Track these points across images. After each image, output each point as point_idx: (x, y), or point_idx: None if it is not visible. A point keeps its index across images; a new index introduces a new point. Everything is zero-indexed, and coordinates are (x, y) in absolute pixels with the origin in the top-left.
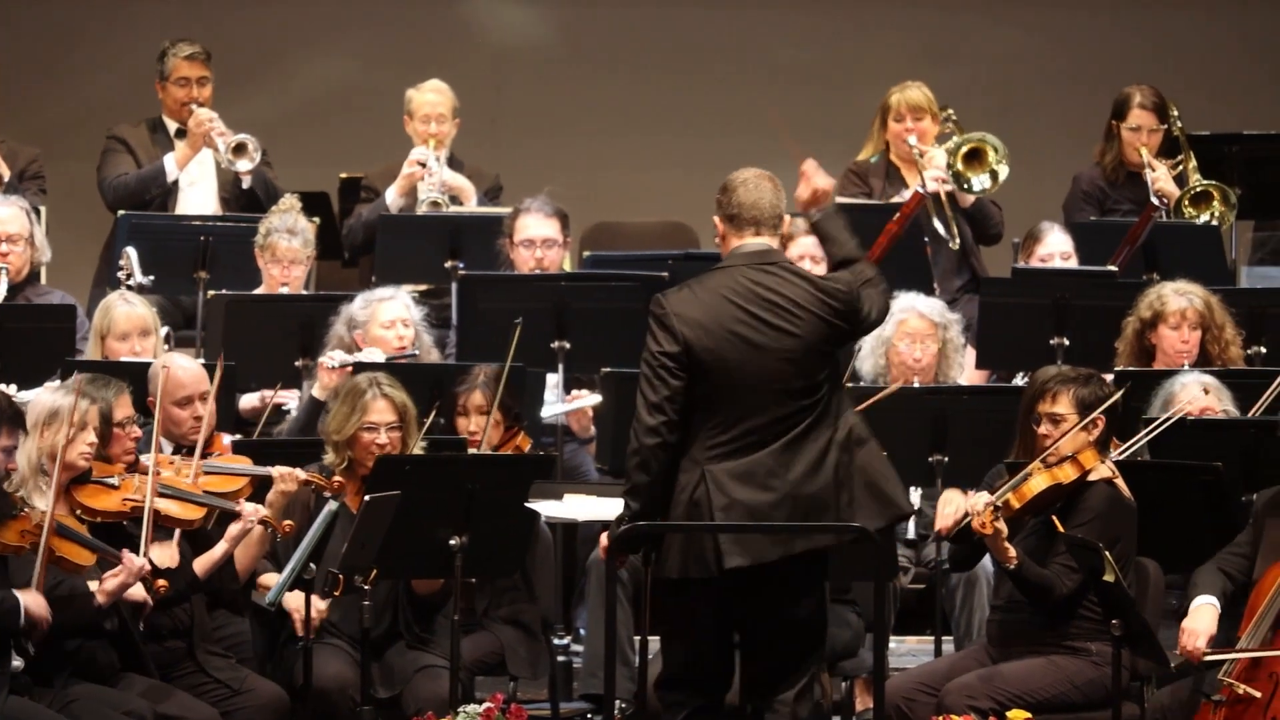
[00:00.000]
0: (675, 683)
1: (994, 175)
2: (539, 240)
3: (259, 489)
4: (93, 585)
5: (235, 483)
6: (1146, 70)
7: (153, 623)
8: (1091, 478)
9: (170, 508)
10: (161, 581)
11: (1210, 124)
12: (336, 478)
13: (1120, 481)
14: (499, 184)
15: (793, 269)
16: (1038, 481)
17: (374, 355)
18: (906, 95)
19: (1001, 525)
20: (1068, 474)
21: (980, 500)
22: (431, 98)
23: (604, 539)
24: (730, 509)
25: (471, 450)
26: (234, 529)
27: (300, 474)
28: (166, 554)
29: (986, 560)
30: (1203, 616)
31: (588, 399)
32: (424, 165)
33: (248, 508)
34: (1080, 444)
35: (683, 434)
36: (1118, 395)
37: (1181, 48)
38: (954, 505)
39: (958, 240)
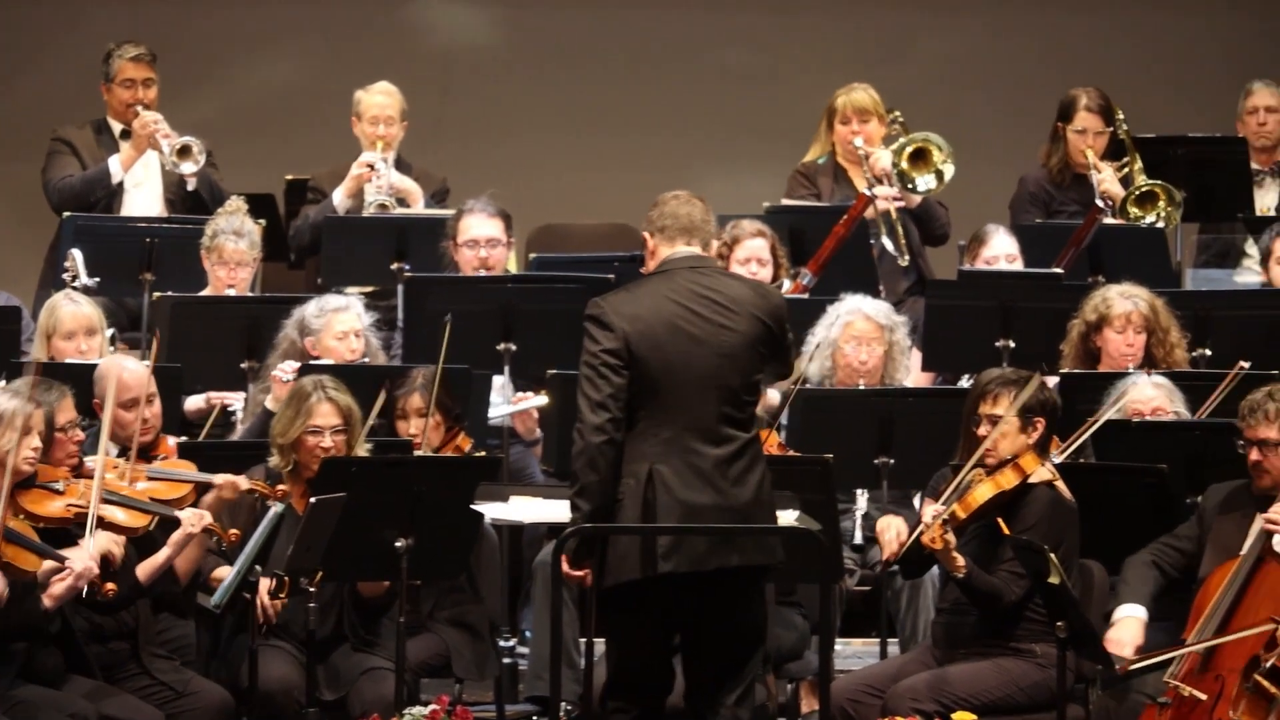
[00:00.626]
0: (617, 689)
1: (939, 175)
2: (482, 240)
3: (202, 495)
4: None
5: (179, 489)
6: (1092, 72)
7: (97, 625)
8: (1032, 480)
9: (114, 515)
10: (110, 585)
11: (1156, 126)
12: (280, 486)
13: (1060, 483)
14: (446, 187)
15: (728, 272)
16: (982, 491)
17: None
18: (852, 97)
19: (950, 538)
20: (1010, 480)
21: (928, 514)
22: (380, 100)
23: (565, 563)
24: (673, 511)
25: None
26: (177, 535)
27: (243, 483)
28: (113, 542)
29: None
30: (1127, 628)
31: (533, 400)
32: (372, 168)
33: (191, 515)
34: (1020, 446)
35: (626, 433)
36: (1033, 382)
37: (1127, 50)
38: (894, 530)
39: (907, 258)
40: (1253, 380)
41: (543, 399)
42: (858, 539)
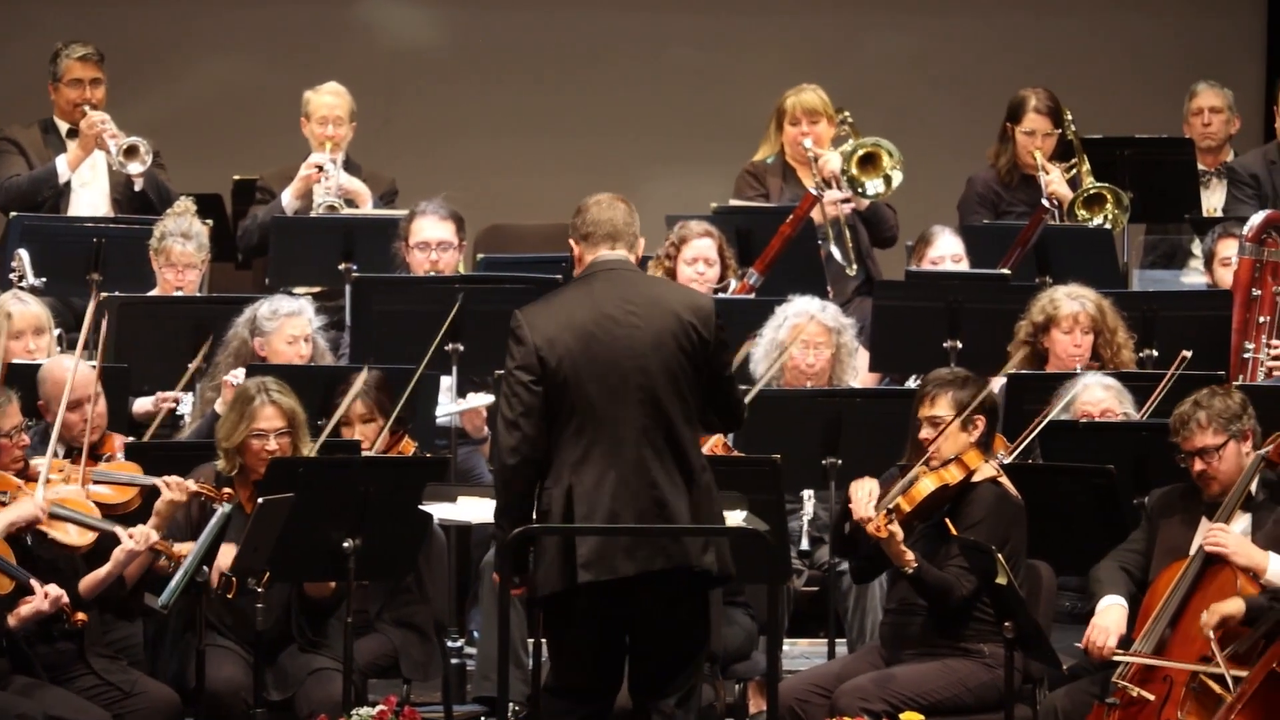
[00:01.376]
0: (561, 691)
1: (888, 180)
2: (434, 243)
3: (148, 498)
4: None
5: (125, 493)
6: (1041, 74)
7: (43, 625)
8: (977, 478)
9: (60, 533)
10: (80, 615)
11: (1103, 128)
12: (226, 490)
13: (1005, 480)
14: (395, 188)
15: (651, 277)
16: (926, 484)
17: None
18: (801, 98)
19: (896, 529)
20: (954, 475)
21: (872, 505)
22: (329, 100)
23: (495, 576)
24: (590, 519)
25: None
26: (119, 554)
27: (190, 485)
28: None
29: None
30: (1112, 615)
31: (481, 398)
32: (321, 169)
33: (138, 534)
34: (962, 445)
35: (548, 446)
36: (985, 392)
37: (1075, 52)
38: (866, 489)
39: (854, 268)
40: (1192, 378)
41: (489, 397)
42: (804, 544)
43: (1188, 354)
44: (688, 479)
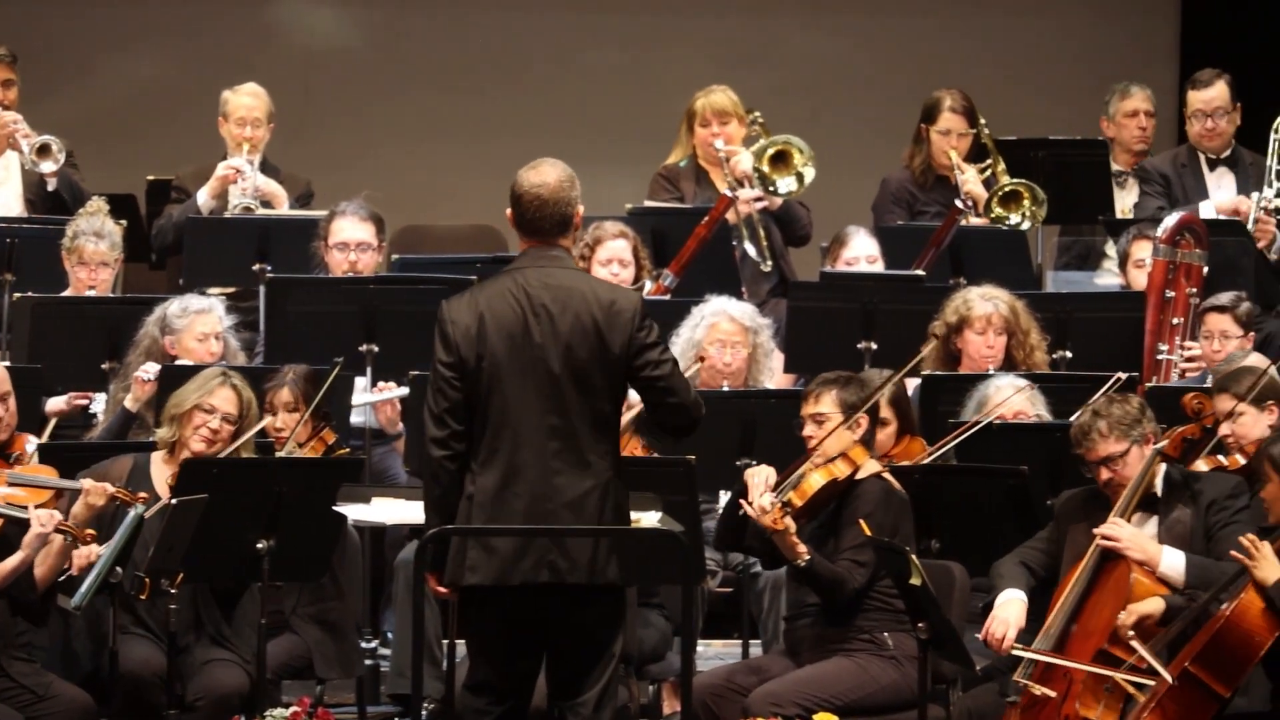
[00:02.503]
0: (479, 688)
1: (800, 178)
2: (353, 244)
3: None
4: None
5: (40, 496)
6: (955, 75)
7: None
8: (862, 474)
9: None
10: None
11: (1017, 129)
12: (141, 494)
13: (889, 475)
14: (311, 190)
15: (577, 273)
16: (816, 478)
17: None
18: (711, 99)
19: (790, 523)
20: (842, 470)
21: (766, 501)
22: (248, 101)
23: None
24: (492, 521)
25: (277, 446)
26: (30, 536)
27: (109, 487)
28: None
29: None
30: (1011, 608)
31: (395, 390)
32: (238, 170)
33: (41, 515)
34: (846, 442)
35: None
36: (879, 392)
37: (989, 53)
38: (762, 476)
39: (769, 264)
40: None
41: (404, 390)
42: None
43: (1123, 376)
44: (594, 482)
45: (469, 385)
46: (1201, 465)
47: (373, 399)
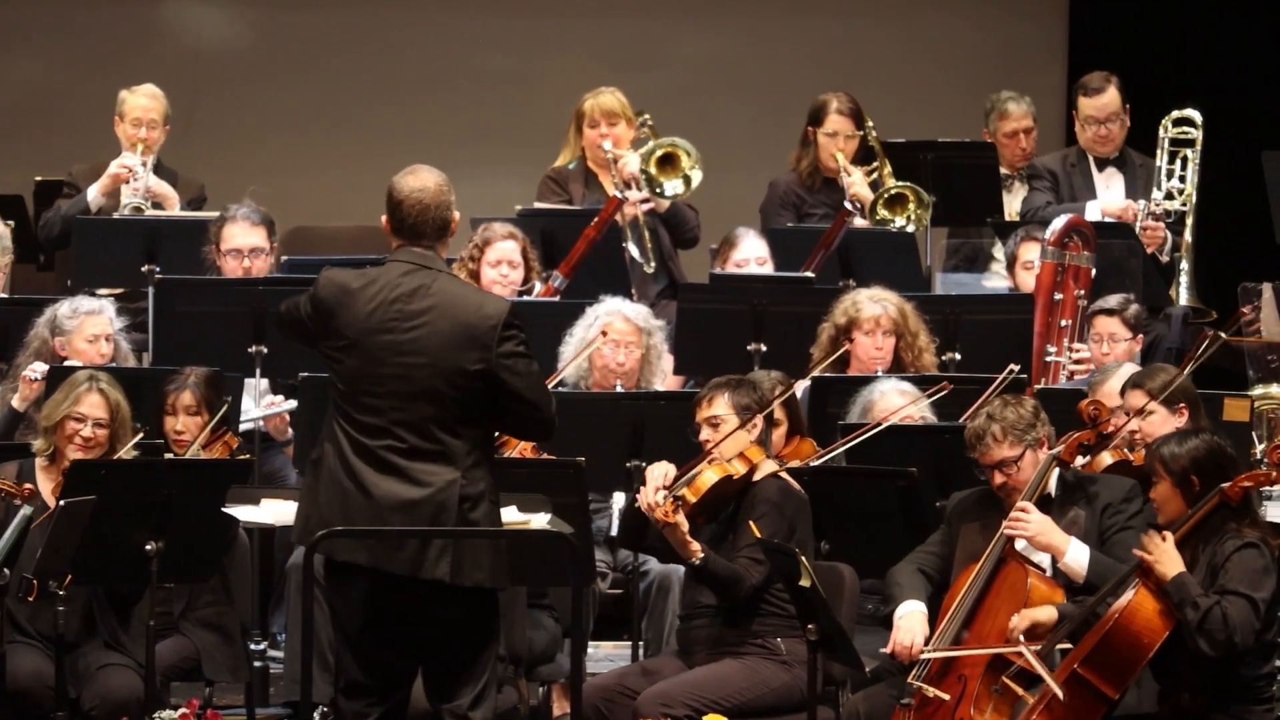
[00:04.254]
0: (353, 689)
1: (687, 180)
2: (246, 249)
3: None
4: None
5: None
6: (842, 78)
7: None
8: (759, 474)
9: None
10: None
11: (906, 132)
12: (27, 485)
13: (785, 474)
14: (203, 194)
15: (451, 278)
16: (710, 475)
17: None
18: (599, 101)
19: (681, 519)
20: (737, 469)
21: (659, 495)
22: (144, 102)
23: None
24: (333, 502)
25: (179, 450)
26: None
27: None
28: None
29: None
30: (914, 619)
31: (284, 405)
32: (130, 170)
33: None
34: (742, 444)
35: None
36: (777, 399)
37: (877, 56)
38: (661, 471)
39: (652, 265)
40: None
41: (292, 403)
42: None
43: (1015, 367)
44: (439, 485)
45: (321, 337)
46: (1106, 458)
47: (260, 414)
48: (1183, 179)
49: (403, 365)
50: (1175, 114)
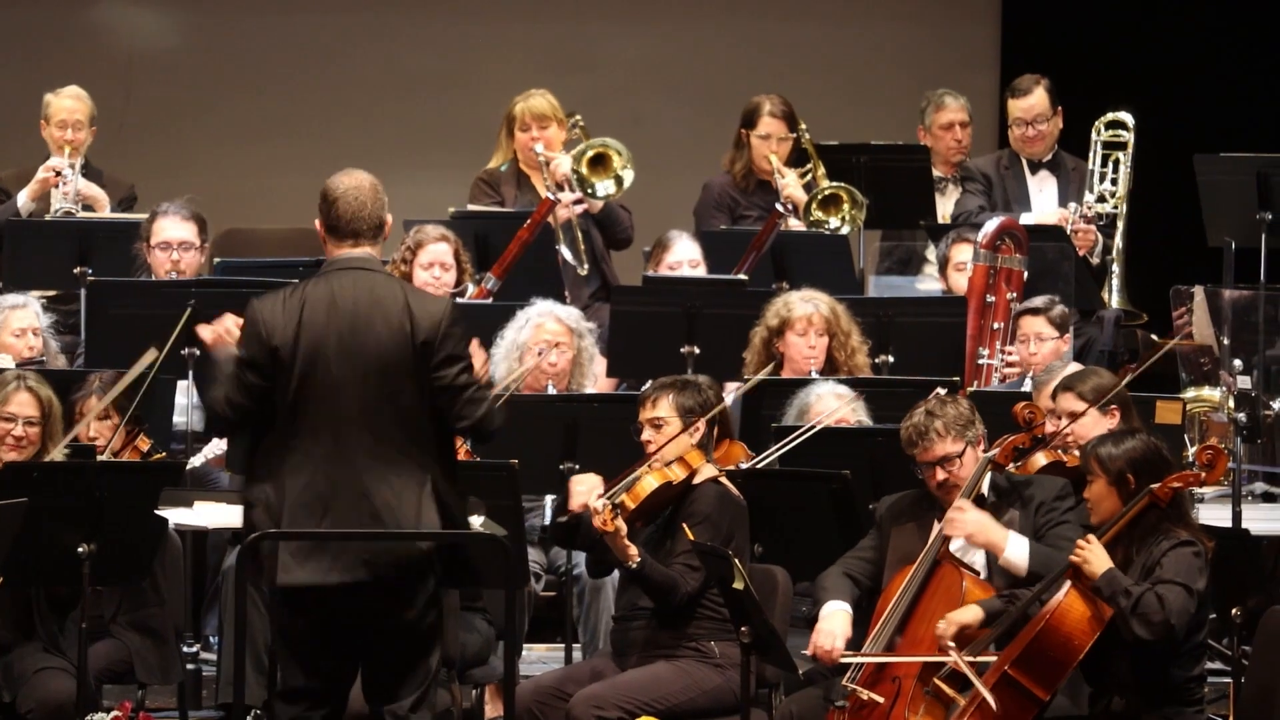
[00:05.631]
0: (292, 694)
1: (619, 180)
2: (175, 243)
3: None
4: None
5: None
6: (776, 80)
7: None
8: (699, 478)
9: None
10: None
11: (839, 134)
12: None
13: (725, 480)
14: (134, 194)
15: (390, 278)
16: (650, 481)
17: (4, 361)
18: (530, 104)
19: (620, 524)
20: (677, 474)
21: (598, 501)
22: (69, 104)
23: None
24: (294, 524)
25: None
26: None
27: None
28: None
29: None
30: (836, 620)
31: (217, 446)
32: (59, 174)
33: None
34: (683, 447)
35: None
36: (722, 406)
37: (811, 59)
38: (588, 485)
39: (585, 267)
40: (929, 384)
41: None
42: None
43: (943, 390)
44: (406, 488)
45: (271, 382)
46: (1041, 459)
47: (211, 454)
48: (1115, 182)
49: (351, 369)
50: (1108, 116)
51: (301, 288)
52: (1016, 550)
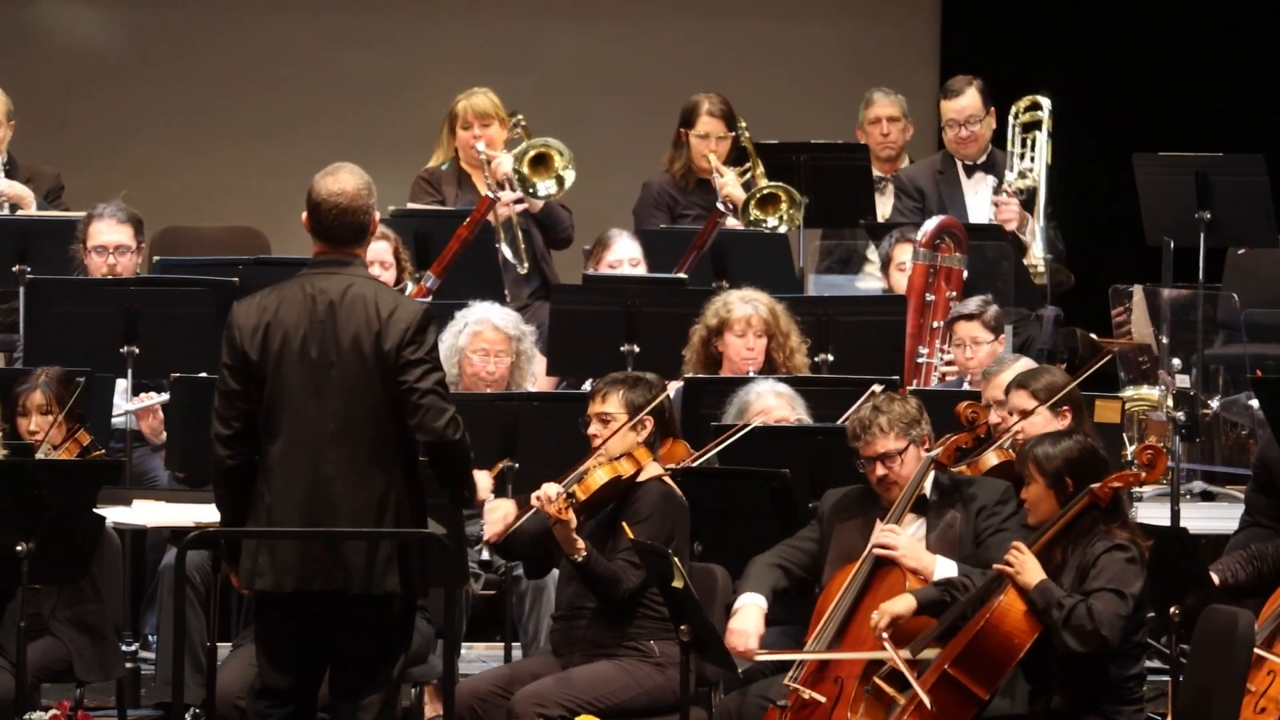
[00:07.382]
0: (263, 692)
1: (560, 180)
2: (111, 246)
3: None
4: None
5: None
6: (715, 79)
7: None
8: (644, 476)
9: None
10: None
11: (779, 133)
12: None
13: (669, 480)
14: (60, 184)
15: (367, 280)
16: (600, 474)
17: None
18: (472, 102)
19: (572, 516)
20: (626, 468)
21: (552, 491)
22: None
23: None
24: (275, 525)
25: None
26: None
27: None
28: None
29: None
30: (748, 615)
31: (155, 398)
32: None
33: None
34: (630, 444)
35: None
36: (663, 396)
37: (750, 57)
38: (502, 512)
39: (525, 266)
40: (868, 383)
41: (164, 396)
42: (485, 554)
43: (878, 389)
44: (374, 491)
45: (252, 388)
46: (992, 458)
47: (132, 408)
48: (1032, 159)
49: (324, 371)
50: (1025, 100)
51: (279, 289)
52: (945, 573)
